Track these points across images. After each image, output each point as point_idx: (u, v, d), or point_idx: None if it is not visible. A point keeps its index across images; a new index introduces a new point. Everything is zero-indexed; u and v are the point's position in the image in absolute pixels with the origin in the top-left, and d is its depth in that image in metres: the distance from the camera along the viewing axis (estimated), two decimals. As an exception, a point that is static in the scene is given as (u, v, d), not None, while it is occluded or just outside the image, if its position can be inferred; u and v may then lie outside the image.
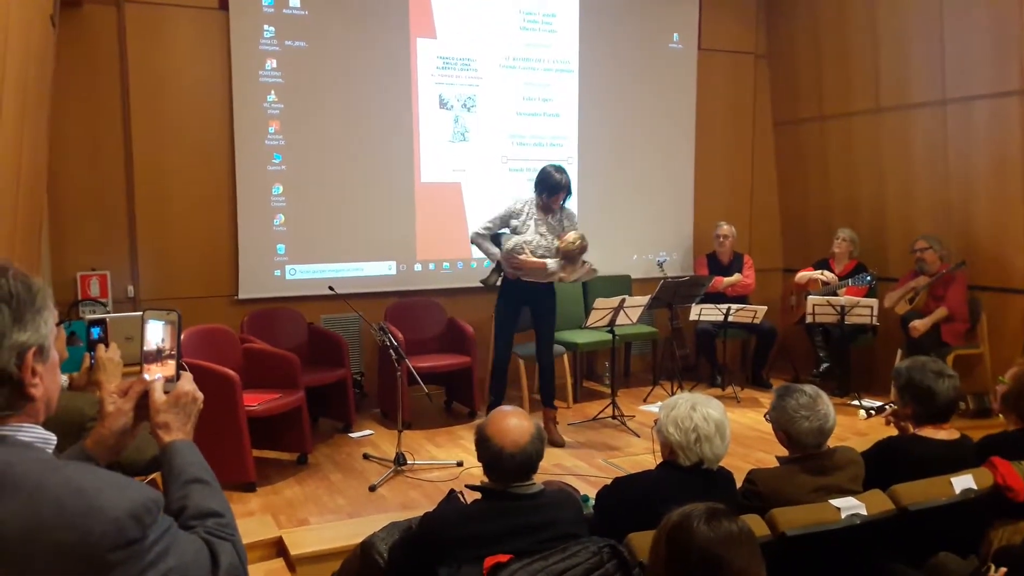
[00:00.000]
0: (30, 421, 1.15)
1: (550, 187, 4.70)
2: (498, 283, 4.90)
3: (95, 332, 1.90)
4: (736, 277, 6.36)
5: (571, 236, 4.69)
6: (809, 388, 2.59)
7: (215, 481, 1.31)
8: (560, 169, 4.75)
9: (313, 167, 5.63)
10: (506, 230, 4.84)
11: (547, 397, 4.95)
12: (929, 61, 5.83)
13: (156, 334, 1.42)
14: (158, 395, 1.35)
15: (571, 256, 4.69)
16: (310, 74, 5.57)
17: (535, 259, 4.67)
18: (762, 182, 7.28)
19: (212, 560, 1.18)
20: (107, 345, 1.88)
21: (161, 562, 1.09)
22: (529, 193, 4.85)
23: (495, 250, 4.85)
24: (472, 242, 5.00)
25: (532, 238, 4.71)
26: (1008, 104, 5.37)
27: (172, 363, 1.40)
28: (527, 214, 4.77)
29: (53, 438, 1.18)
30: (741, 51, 7.08)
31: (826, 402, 2.57)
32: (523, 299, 4.86)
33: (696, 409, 2.36)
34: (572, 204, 6.43)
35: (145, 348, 1.42)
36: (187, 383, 1.38)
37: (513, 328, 4.93)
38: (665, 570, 1.48)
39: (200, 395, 1.39)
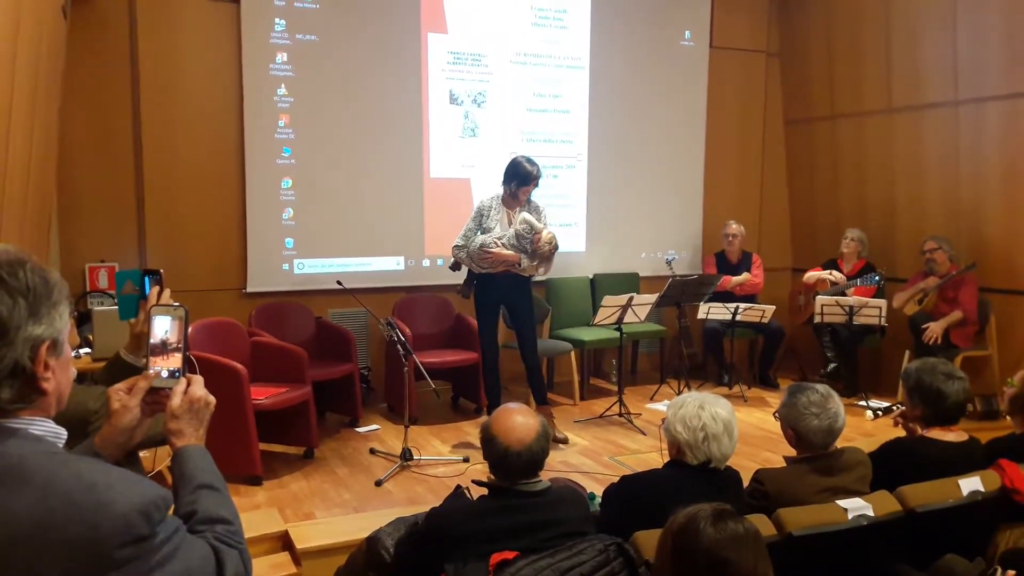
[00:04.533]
0: (41, 415, 1.15)
1: (520, 176, 4.64)
2: (472, 292, 4.86)
3: (147, 283, 1.93)
4: (744, 276, 6.34)
5: (547, 235, 4.64)
6: (821, 387, 2.59)
7: (225, 488, 1.32)
8: (531, 160, 4.70)
9: (322, 161, 5.64)
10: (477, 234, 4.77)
11: (539, 395, 4.94)
12: (942, 61, 5.80)
13: (162, 328, 1.42)
14: (176, 400, 1.35)
15: (544, 256, 4.68)
16: (320, 68, 5.57)
17: (507, 251, 4.63)
18: (772, 181, 7.26)
19: (218, 566, 1.18)
20: (159, 298, 1.89)
21: (168, 564, 1.09)
22: (495, 190, 4.82)
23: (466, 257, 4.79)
24: (455, 257, 4.84)
25: (502, 233, 4.67)
26: (1020, 106, 5.34)
27: (178, 356, 1.40)
28: (495, 209, 4.74)
29: (64, 433, 1.18)
30: (753, 49, 7.05)
31: (837, 402, 2.56)
32: (500, 298, 4.83)
33: (704, 408, 2.35)
34: (581, 200, 6.49)
35: (151, 342, 1.41)
36: (199, 388, 1.38)
37: (495, 327, 4.90)
38: (672, 572, 1.48)
39: (212, 399, 1.39)
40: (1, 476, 1.06)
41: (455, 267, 4.94)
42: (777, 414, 2.67)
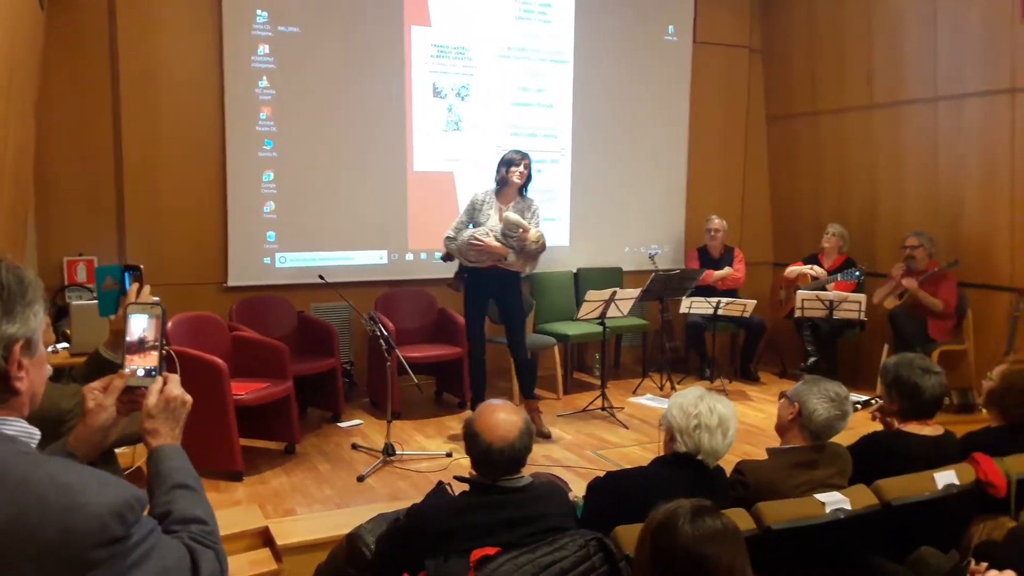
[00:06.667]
0: (14, 415, 1.15)
1: (505, 160, 4.72)
2: (463, 286, 4.89)
3: (126, 279, 1.92)
4: (726, 271, 6.38)
5: (534, 234, 4.66)
6: (843, 389, 2.63)
7: (201, 488, 1.31)
8: (519, 151, 4.79)
9: (304, 154, 5.60)
10: (471, 225, 4.80)
11: (527, 389, 4.97)
12: (922, 58, 5.85)
13: (139, 326, 1.41)
14: (151, 399, 1.34)
15: (531, 253, 4.72)
16: (303, 60, 5.54)
17: (497, 244, 4.65)
18: (754, 176, 7.30)
19: (193, 567, 1.17)
20: (138, 294, 1.89)
21: (143, 564, 1.09)
22: (480, 184, 4.87)
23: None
24: (447, 248, 4.86)
25: (495, 225, 4.70)
26: (999, 102, 5.39)
27: (155, 354, 1.39)
28: (488, 203, 4.77)
29: (37, 433, 1.17)
30: (736, 45, 7.08)
31: (850, 408, 2.60)
32: (489, 292, 4.85)
33: (704, 400, 2.39)
34: (565, 195, 6.50)
35: (128, 340, 1.40)
36: (175, 387, 1.37)
37: (483, 322, 4.92)
38: (651, 568, 1.49)
39: (189, 398, 1.38)
40: None
41: (447, 258, 4.95)
42: (786, 393, 2.68)
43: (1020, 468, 2.67)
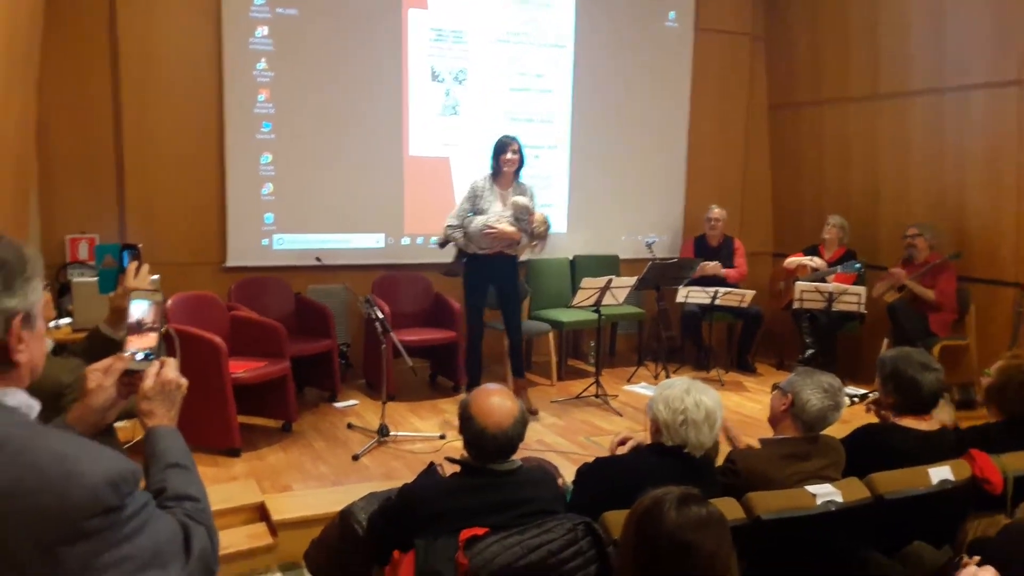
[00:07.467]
0: (14, 386, 1.18)
1: (496, 147, 4.83)
2: (462, 270, 4.97)
3: (125, 257, 1.95)
4: (724, 273, 6.27)
5: (539, 216, 4.83)
6: (837, 380, 2.63)
7: (195, 468, 1.35)
8: (508, 136, 4.91)
9: (302, 136, 5.59)
10: (471, 214, 4.87)
11: (517, 369, 5.12)
12: (929, 48, 5.80)
13: (140, 309, 1.48)
14: (148, 382, 1.38)
15: (541, 235, 4.87)
16: (301, 42, 5.51)
17: (512, 228, 4.75)
18: (755, 165, 7.27)
19: (186, 542, 1.20)
20: (137, 272, 1.94)
21: (136, 537, 1.11)
22: (477, 170, 4.97)
23: (462, 238, 4.88)
24: (447, 237, 4.92)
25: (498, 210, 4.79)
26: (1005, 95, 5.35)
27: (153, 335, 1.45)
28: (489, 189, 4.84)
29: (37, 405, 1.20)
30: (738, 32, 7.03)
31: (844, 401, 2.60)
32: (489, 277, 4.95)
33: (690, 393, 2.36)
34: (563, 182, 6.48)
35: (129, 321, 1.47)
36: (171, 371, 1.41)
37: (483, 307, 5.03)
38: (634, 554, 1.49)
39: (184, 382, 1.42)
40: None
41: (444, 244, 4.99)
42: (779, 385, 2.68)
43: (1017, 465, 2.65)
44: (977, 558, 1.91)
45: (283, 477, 3.88)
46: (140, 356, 1.41)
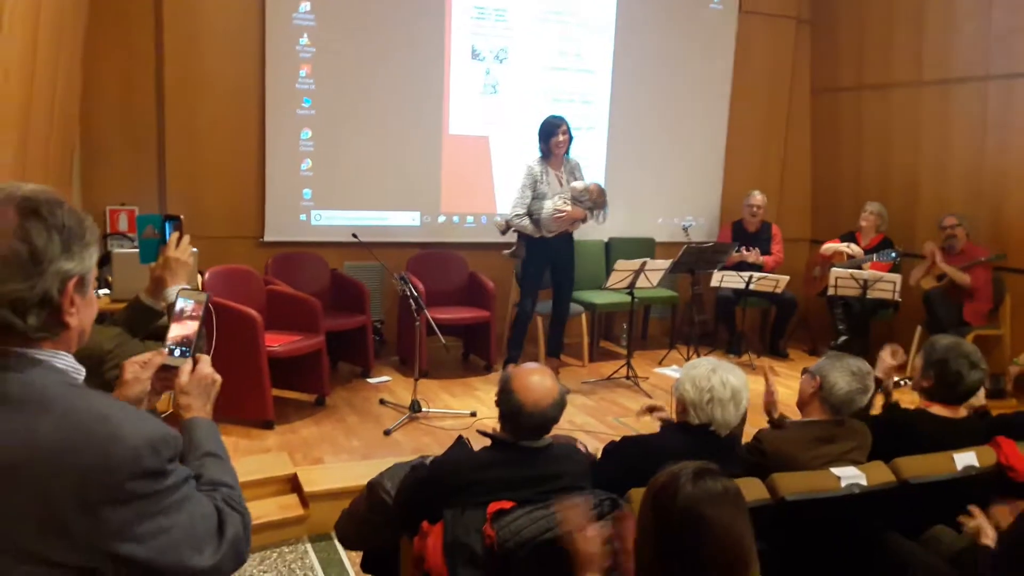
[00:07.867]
0: (64, 349, 1.21)
1: (544, 131, 5.01)
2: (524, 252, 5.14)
3: (168, 228, 2.00)
4: (760, 258, 6.24)
5: (595, 188, 5.09)
6: (866, 364, 2.63)
7: (229, 459, 1.39)
8: (556, 116, 5.09)
9: (342, 113, 5.64)
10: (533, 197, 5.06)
11: (556, 347, 5.28)
12: (975, 35, 5.68)
13: (185, 308, 1.52)
14: (183, 378, 1.43)
15: (601, 203, 5.09)
16: (343, 17, 5.55)
17: (579, 209, 5.01)
18: (795, 150, 7.18)
19: (219, 527, 1.23)
20: (178, 243, 1.98)
21: (174, 513, 1.15)
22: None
23: (530, 224, 5.05)
24: (512, 227, 5.11)
25: (558, 190, 5.02)
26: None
27: (193, 324, 1.49)
28: (545, 171, 5.02)
29: (83, 370, 1.23)
30: (783, 15, 6.93)
31: (872, 385, 2.60)
32: (549, 256, 5.13)
33: (716, 372, 2.39)
34: (600, 163, 6.46)
35: (173, 320, 1.52)
36: (205, 367, 1.47)
37: (538, 286, 5.20)
38: (651, 526, 1.51)
39: (219, 377, 1.48)
40: (25, 402, 1.11)
41: (506, 231, 5.19)
42: (808, 369, 2.69)
43: (1043, 454, 2.65)
44: (977, 509, 1.93)
45: (315, 450, 3.96)
46: (177, 352, 1.47)
